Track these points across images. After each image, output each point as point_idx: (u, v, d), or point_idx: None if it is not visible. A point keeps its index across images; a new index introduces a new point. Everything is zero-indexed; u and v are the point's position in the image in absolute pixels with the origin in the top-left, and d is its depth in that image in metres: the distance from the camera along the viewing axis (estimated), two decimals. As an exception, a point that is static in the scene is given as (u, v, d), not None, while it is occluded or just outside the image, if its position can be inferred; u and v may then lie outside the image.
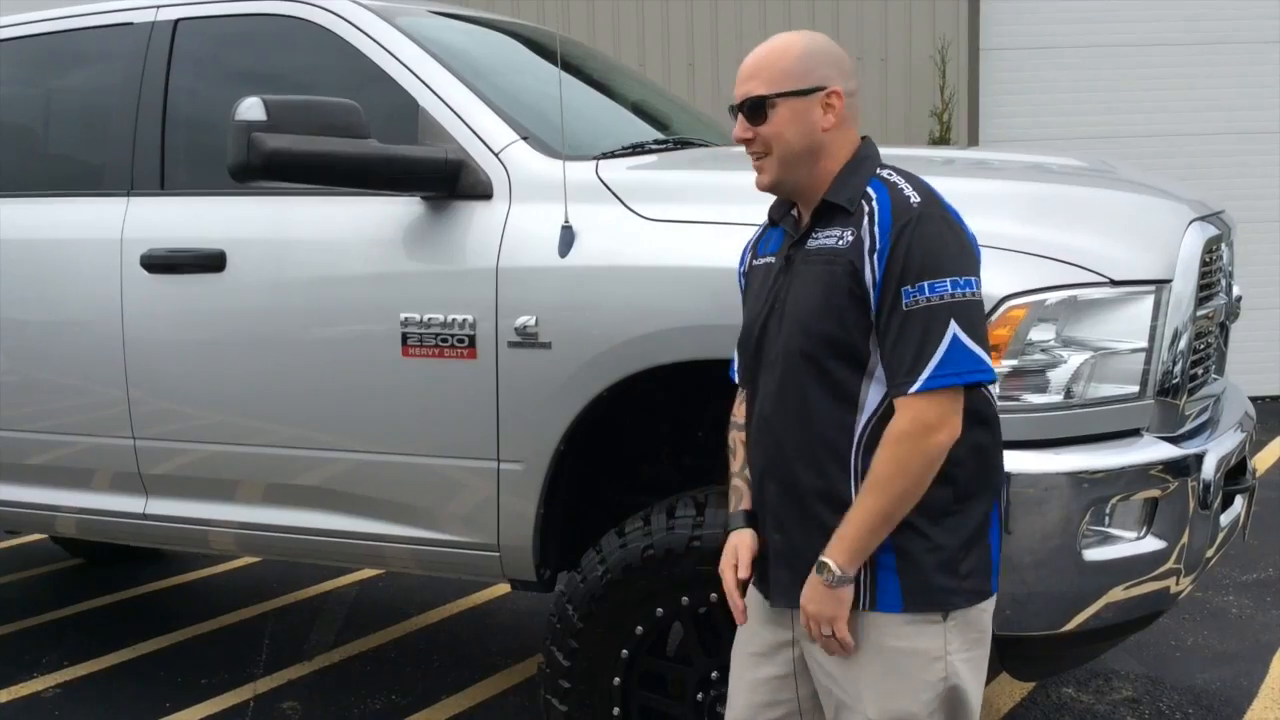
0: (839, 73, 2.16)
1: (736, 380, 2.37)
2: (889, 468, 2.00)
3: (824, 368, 2.08)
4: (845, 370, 2.07)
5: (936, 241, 2.01)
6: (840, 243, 2.08)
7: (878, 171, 2.13)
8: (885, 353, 2.03)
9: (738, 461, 2.34)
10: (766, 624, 2.27)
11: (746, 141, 2.16)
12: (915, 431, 1.99)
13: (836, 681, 2.16)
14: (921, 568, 2.06)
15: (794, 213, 2.23)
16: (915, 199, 2.05)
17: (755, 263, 2.32)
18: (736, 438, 2.36)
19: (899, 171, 2.14)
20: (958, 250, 2.04)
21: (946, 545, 2.07)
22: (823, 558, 2.05)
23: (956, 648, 2.10)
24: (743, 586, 2.26)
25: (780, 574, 2.19)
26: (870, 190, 2.09)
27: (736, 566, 2.24)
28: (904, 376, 2.00)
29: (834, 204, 2.12)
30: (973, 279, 2.03)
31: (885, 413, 2.05)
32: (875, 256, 2.02)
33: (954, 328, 1.98)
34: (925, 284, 1.98)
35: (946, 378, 1.98)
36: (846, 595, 2.06)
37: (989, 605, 2.16)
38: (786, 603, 2.20)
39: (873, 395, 2.07)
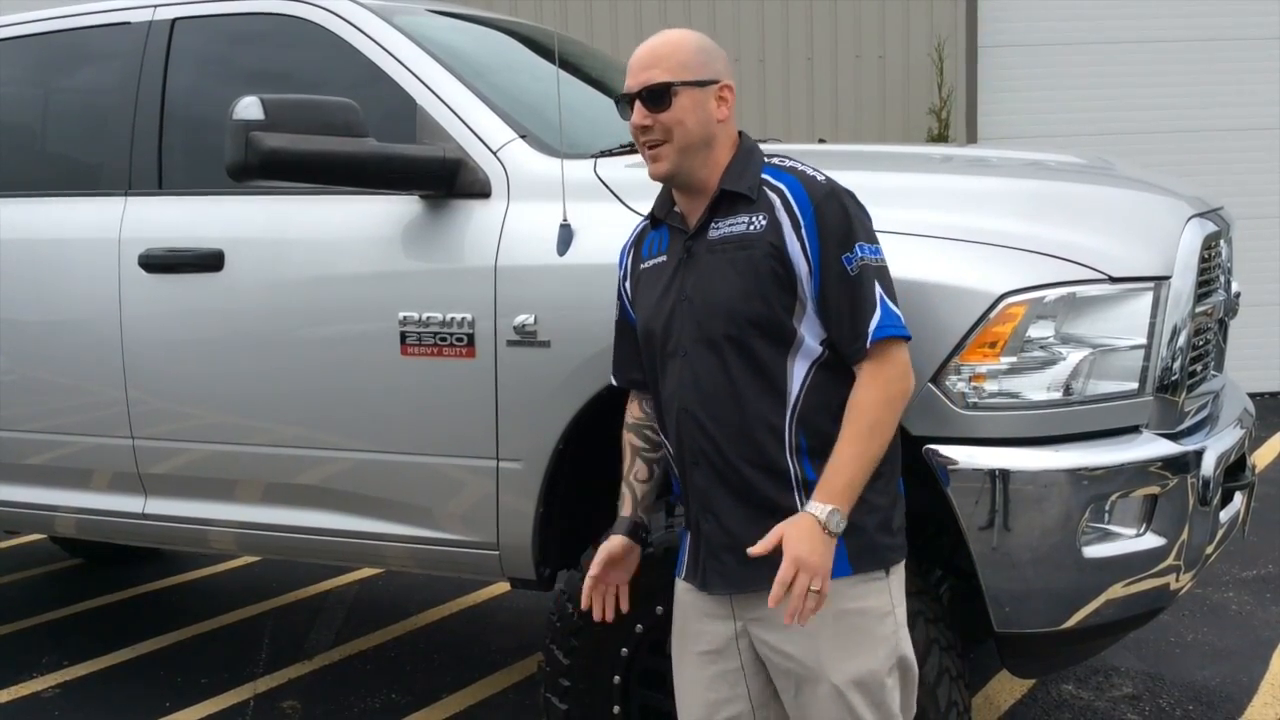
0: (727, 70, 2.26)
1: (617, 383, 2.50)
2: (879, 412, 2.11)
3: (750, 348, 2.16)
4: (771, 349, 2.16)
5: (855, 212, 2.17)
6: (752, 227, 2.16)
7: (769, 160, 2.25)
8: (840, 318, 2.13)
9: (625, 464, 2.47)
10: (709, 619, 2.30)
11: (644, 129, 2.21)
12: (898, 375, 2.14)
13: (793, 658, 2.20)
14: (864, 529, 2.15)
15: (677, 210, 2.30)
16: (821, 178, 2.19)
17: (643, 266, 2.37)
18: (629, 439, 2.48)
19: (790, 157, 2.26)
20: (868, 221, 2.20)
21: (880, 505, 2.20)
22: (824, 505, 2.07)
23: (898, 601, 2.23)
24: (597, 586, 2.42)
25: (724, 559, 2.23)
26: (768, 177, 2.20)
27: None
28: (857, 336, 2.12)
29: (735, 192, 2.20)
30: (880, 247, 2.19)
31: (814, 383, 2.16)
32: (804, 232, 2.12)
33: (878, 288, 2.14)
34: (858, 248, 2.13)
35: (889, 329, 2.12)
36: (834, 545, 2.11)
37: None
38: (728, 588, 2.25)
39: (798, 369, 2.17)
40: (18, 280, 3.72)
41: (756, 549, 2.07)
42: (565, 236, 2.93)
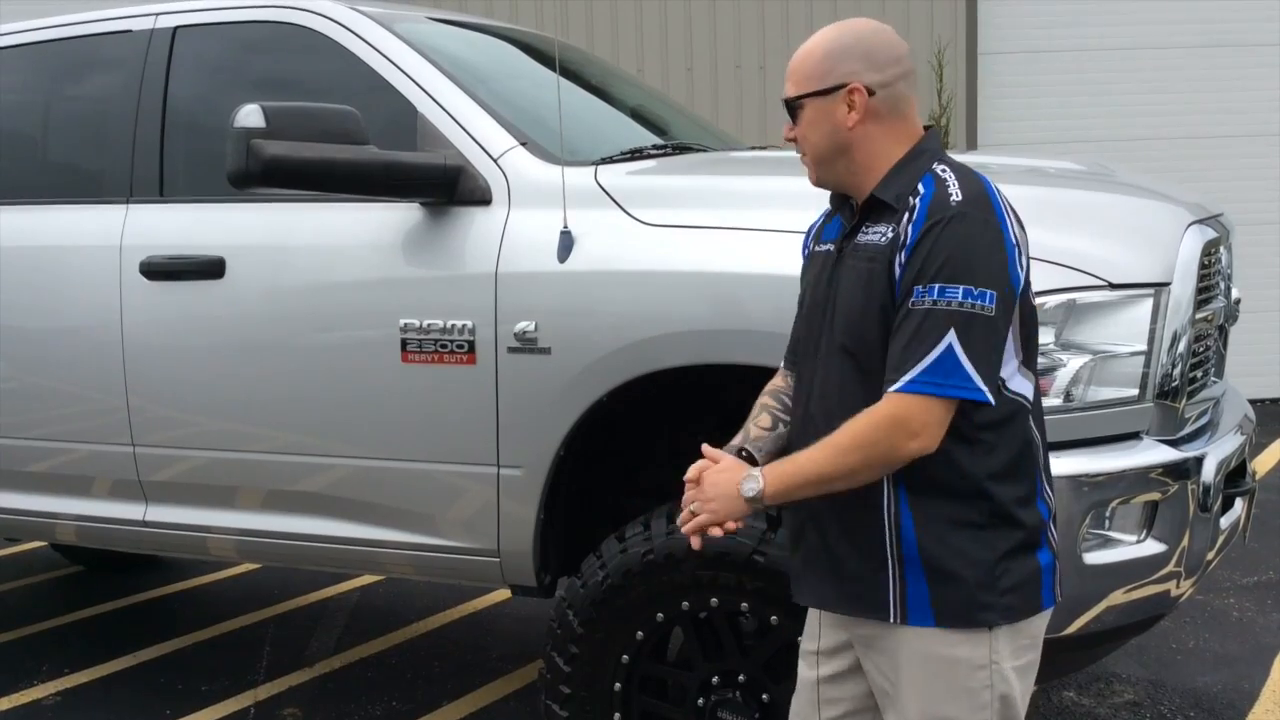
0: (866, 66, 2.06)
1: (785, 364, 2.33)
2: (852, 440, 1.96)
3: (867, 369, 2.03)
4: (882, 371, 2.00)
5: (963, 245, 1.93)
6: (882, 240, 2.02)
7: (933, 167, 2.05)
8: (892, 346, 1.97)
9: (750, 416, 2.30)
10: (830, 625, 2.23)
11: (791, 141, 2.16)
12: (891, 427, 1.94)
13: (886, 677, 2.13)
14: (957, 579, 2.01)
15: (851, 203, 2.17)
16: (957, 197, 1.97)
17: (816, 249, 2.25)
18: (761, 399, 2.31)
19: (955, 167, 2.04)
20: (984, 259, 1.94)
21: (979, 558, 2.01)
22: (758, 472, 2.04)
23: (1005, 655, 2.06)
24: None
25: (817, 572, 2.15)
26: (921, 186, 2.02)
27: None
28: (893, 372, 1.94)
29: (881, 200, 2.06)
30: (989, 292, 1.92)
31: None
32: (904, 254, 1.97)
33: (951, 337, 1.90)
34: (936, 286, 1.92)
35: (926, 385, 1.91)
36: (746, 512, 2.08)
37: (1044, 615, 2.12)
38: (814, 602, 2.20)
39: None
40: (19, 287, 3.73)
41: (688, 473, 2.11)
42: (566, 243, 2.94)
